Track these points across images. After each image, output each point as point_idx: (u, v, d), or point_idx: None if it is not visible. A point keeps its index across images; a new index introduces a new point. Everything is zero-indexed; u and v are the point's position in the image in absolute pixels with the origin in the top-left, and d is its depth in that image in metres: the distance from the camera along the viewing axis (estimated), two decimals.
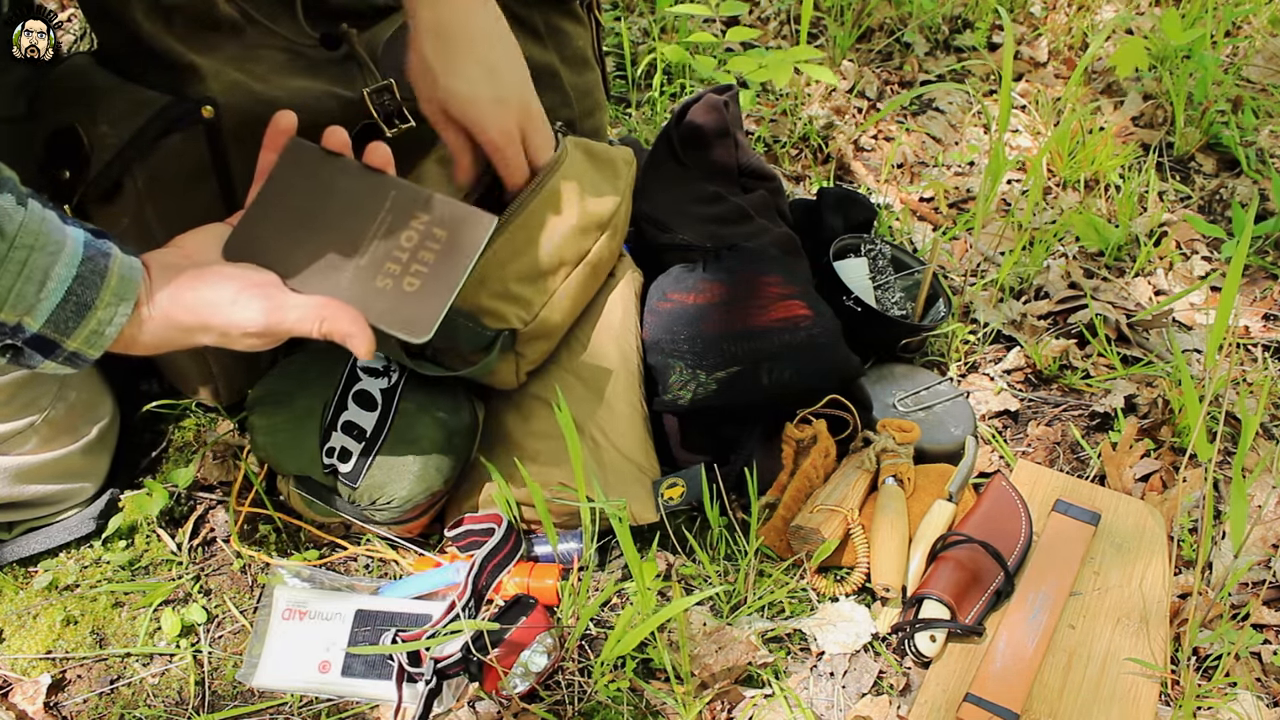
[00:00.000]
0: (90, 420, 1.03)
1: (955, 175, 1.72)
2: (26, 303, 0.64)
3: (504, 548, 1.00)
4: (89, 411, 1.03)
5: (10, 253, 0.63)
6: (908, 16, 2.05)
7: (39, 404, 0.96)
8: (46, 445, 0.99)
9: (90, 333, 0.68)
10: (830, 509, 1.04)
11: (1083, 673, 0.97)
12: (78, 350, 0.68)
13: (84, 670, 0.97)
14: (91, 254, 0.66)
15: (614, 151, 1.12)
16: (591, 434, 1.04)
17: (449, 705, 0.92)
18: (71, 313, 0.66)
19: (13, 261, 0.63)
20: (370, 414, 0.98)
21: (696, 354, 1.06)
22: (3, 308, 0.64)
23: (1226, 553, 1.11)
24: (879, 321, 1.24)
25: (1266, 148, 1.79)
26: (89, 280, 0.66)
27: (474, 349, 0.98)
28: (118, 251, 0.69)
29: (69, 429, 1.00)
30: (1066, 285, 1.48)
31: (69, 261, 0.65)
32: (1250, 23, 2.10)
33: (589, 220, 1.04)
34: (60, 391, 0.98)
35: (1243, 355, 1.39)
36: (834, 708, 0.95)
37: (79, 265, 0.65)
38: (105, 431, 1.05)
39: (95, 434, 1.03)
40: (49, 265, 0.64)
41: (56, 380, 0.98)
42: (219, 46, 0.96)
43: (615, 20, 1.91)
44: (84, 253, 0.66)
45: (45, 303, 0.65)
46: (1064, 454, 1.24)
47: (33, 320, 0.65)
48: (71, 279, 0.65)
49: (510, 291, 0.99)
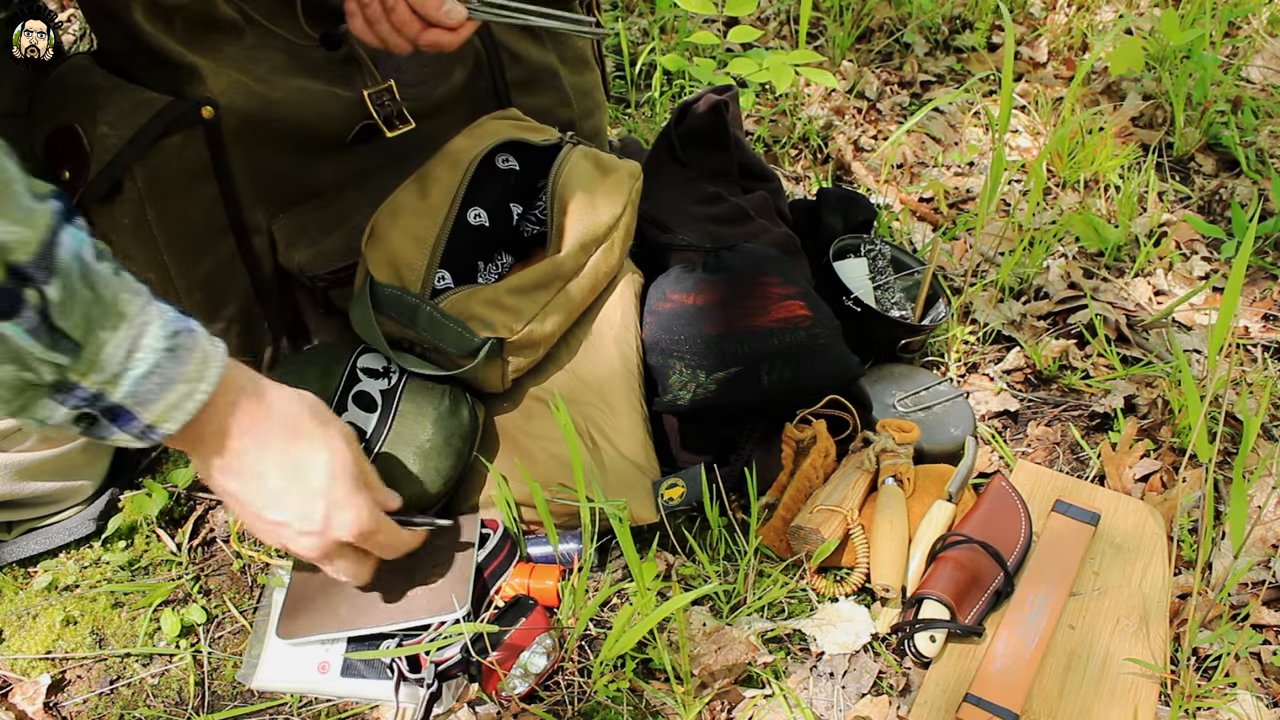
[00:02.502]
0: None
1: (955, 175, 1.72)
2: (112, 371, 0.64)
3: (500, 552, 1.00)
4: None
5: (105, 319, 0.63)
6: (907, 17, 2.05)
7: None
8: (47, 442, 0.99)
9: (168, 406, 0.67)
10: (830, 509, 1.04)
11: (1082, 673, 0.97)
12: (154, 424, 0.67)
13: (84, 670, 0.97)
14: (179, 328, 0.67)
15: (621, 164, 1.11)
16: (591, 434, 1.04)
17: (449, 706, 0.92)
18: (155, 386, 0.66)
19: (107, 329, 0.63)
20: (370, 415, 0.98)
21: (696, 354, 1.06)
22: (89, 374, 0.64)
23: (1226, 553, 1.11)
24: (879, 321, 1.24)
25: (1266, 148, 1.79)
26: (179, 353, 0.66)
27: (460, 353, 0.98)
28: (200, 327, 0.69)
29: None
30: (1066, 285, 1.48)
31: (159, 333, 0.66)
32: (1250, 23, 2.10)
33: (588, 236, 1.04)
34: None
35: (1242, 355, 1.40)
36: (834, 708, 0.95)
37: (170, 338, 0.66)
38: None
39: None
40: (137, 337, 0.65)
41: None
42: (219, 47, 0.96)
43: (615, 20, 1.91)
44: (173, 326, 0.67)
45: (131, 373, 0.65)
46: (1064, 454, 1.24)
47: (114, 390, 0.65)
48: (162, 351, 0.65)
49: (502, 301, 0.99)
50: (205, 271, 1.02)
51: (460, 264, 1.05)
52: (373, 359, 1.02)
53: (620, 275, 1.12)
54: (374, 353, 1.02)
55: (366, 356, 1.02)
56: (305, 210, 1.08)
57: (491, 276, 1.11)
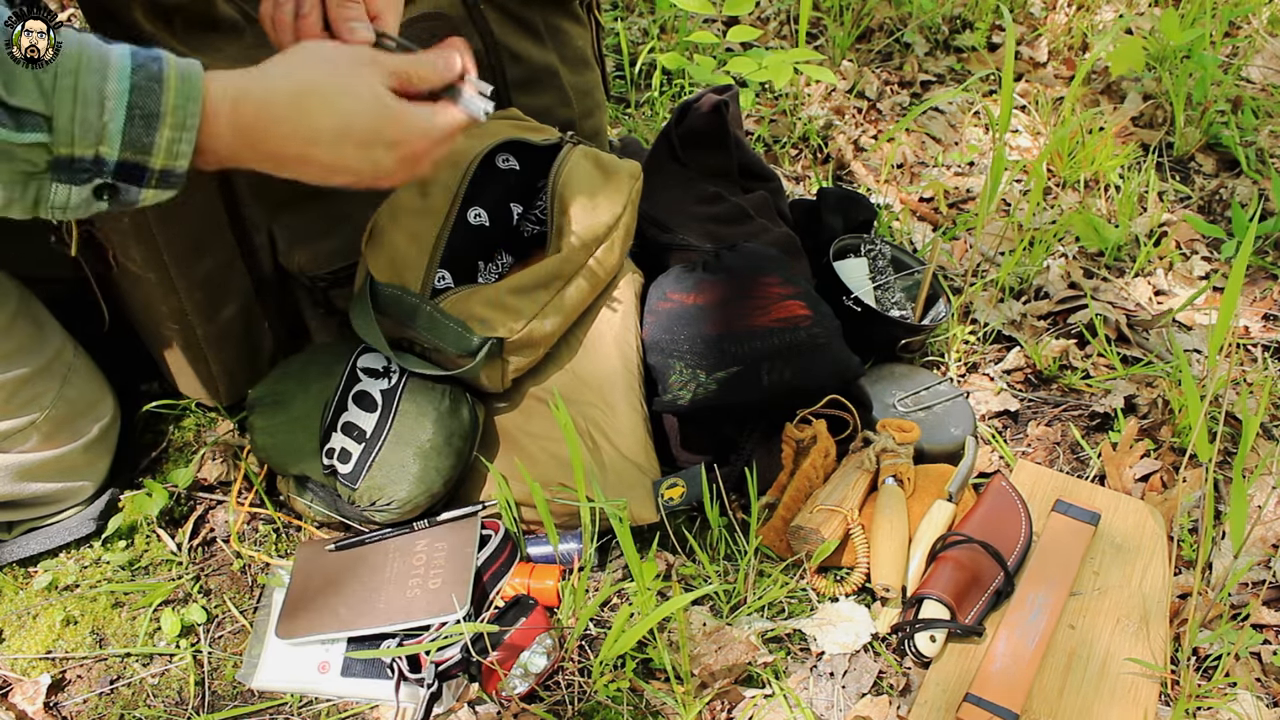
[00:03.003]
0: (92, 418, 1.03)
1: (955, 175, 1.72)
2: (94, 129, 0.62)
3: (501, 554, 1.00)
4: (90, 409, 1.03)
5: (57, 81, 0.61)
6: (908, 16, 2.05)
7: (40, 402, 0.97)
8: (48, 443, 0.99)
9: (169, 143, 0.65)
10: (830, 509, 1.04)
11: (1083, 673, 0.97)
12: (166, 167, 0.65)
13: (84, 670, 0.97)
14: (141, 62, 0.64)
15: (621, 164, 1.11)
16: (591, 434, 1.04)
17: (449, 705, 0.92)
18: (142, 128, 0.63)
19: (63, 90, 0.61)
20: (370, 415, 0.98)
21: (696, 354, 1.06)
22: (75, 142, 0.62)
23: (1226, 553, 1.11)
24: (879, 321, 1.24)
25: (1266, 148, 1.79)
26: (146, 89, 0.63)
27: (460, 353, 0.98)
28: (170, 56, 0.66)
29: (70, 427, 1.00)
30: (1066, 285, 1.48)
31: (119, 76, 0.63)
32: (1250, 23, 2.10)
33: (588, 236, 1.04)
34: (61, 390, 0.98)
35: (1242, 355, 1.40)
36: (834, 708, 0.95)
37: (130, 77, 0.63)
38: (106, 430, 1.05)
39: (97, 432, 1.03)
40: (100, 85, 0.62)
41: (58, 379, 0.98)
42: (219, 47, 0.96)
43: (615, 20, 1.91)
44: (133, 63, 0.64)
45: (112, 125, 0.62)
46: (1064, 454, 1.24)
47: (109, 148, 0.63)
48: (128, 92, 0.63)
49: (503, 301, 0.99)
50: (205, 271, 1.02)
51: (460, 264, 1.05)
52: (373, 359, 1.02)
53: (620, 275, 1.12)
54: (374, 353, 1.02)
55: (366, 356, 1.02)
56: (305, 210, 1.08)
57: (492, 276, 1.11)
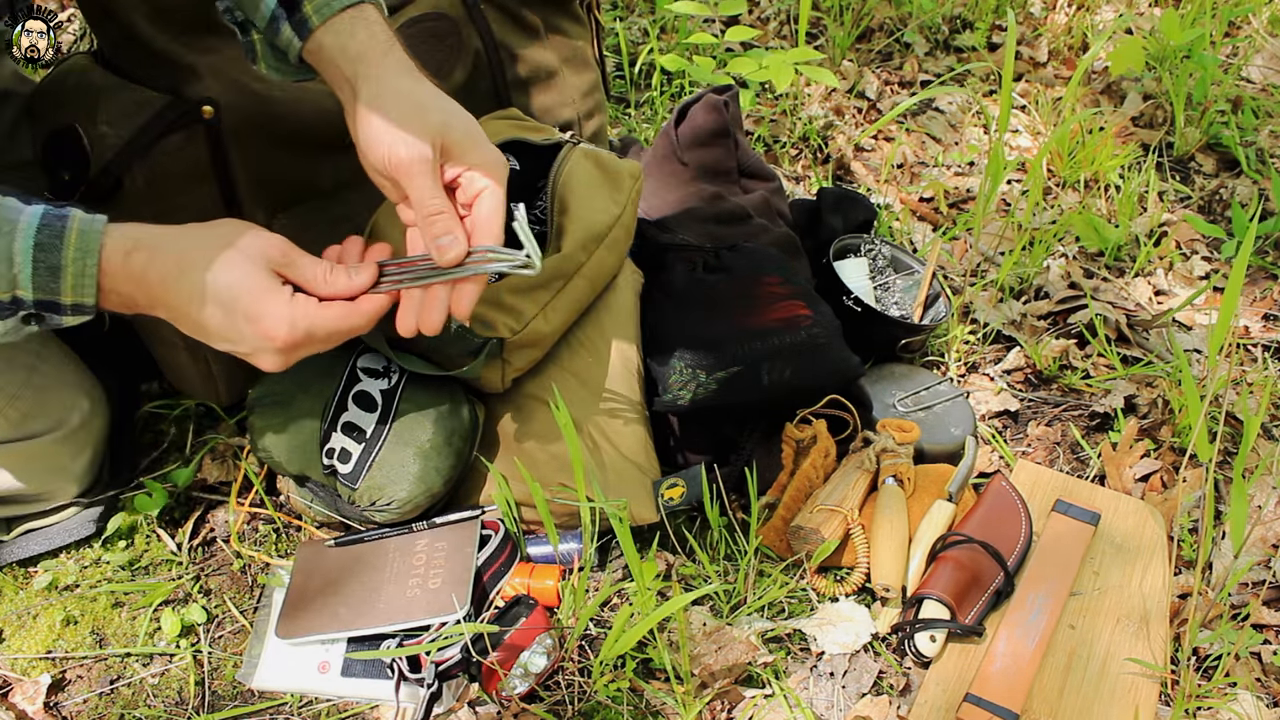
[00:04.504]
0: (69, 406, 1.01)
1: (955, 175, 1.72)
2: (7, 278, 0.72)
3: (501, 554, 1.00)
4: (66, 397, 1.01)
5: None
6: (908, 16, 2.05)
7: (6, 390, 0.96)
8: (16, 429, 0.97)
9: (72, 287, 0.73)
10: (830, 509, 1.04)
11: (1083, 673, 0.97)
12: (76, 302, 0.74)
13: (84, 670, 0.97)
14: (47, 221, 0.72)
15: (622, 164, 1.11)
16: (591, 434, 1.04)
17: (449, 706, 0.92)
18: (47, 276, 0.72)
19: None
20: (370, 415, 0.98)
21: (696, 354, 1.06)
22: None
23: (1226, 553, 1.11)
24: (879, 321, 1.24)
25: (1266, 148, 1.79)
26: (49, 245, 0.72)
27: (461, 353, 0.98)
28: (77, 213, 0.74)
29: (41, 415, 0.99)
30: (1066, 285, 1.48)
31: (25, 235, 0.71)
32: (1250, 22, 2.11)
33: (588, 235, 1.04)
34: (29, 378, 0.97)
35: (1243, 355, 1.40)
36: (834, 708, 0.95)
37: (35, 235, 0.72)
38: (85, 422, 1.03)
39: (76, 421, 1.01)
40: (9, 244, 0.71)
41: (25, 367, 0.97)
42: (218, 47, 0.96)
43: (615, 20, 1.91)
44: (39, 222, 0.72)
45: (22, 275, 0.72)
46: (1064, 454, 1.24)
47: (25, 291, 0.72)
48: (33, 249, 0.71)
49: (503, 301, 0.99)
50: None
51: None
52: (373, 359, 1.02)
53: (620, 275, 1.12)
54: (374, 353, 1.02)
55: (366, 356, 1.02)
56: (305, 210, 1.08)
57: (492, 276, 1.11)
